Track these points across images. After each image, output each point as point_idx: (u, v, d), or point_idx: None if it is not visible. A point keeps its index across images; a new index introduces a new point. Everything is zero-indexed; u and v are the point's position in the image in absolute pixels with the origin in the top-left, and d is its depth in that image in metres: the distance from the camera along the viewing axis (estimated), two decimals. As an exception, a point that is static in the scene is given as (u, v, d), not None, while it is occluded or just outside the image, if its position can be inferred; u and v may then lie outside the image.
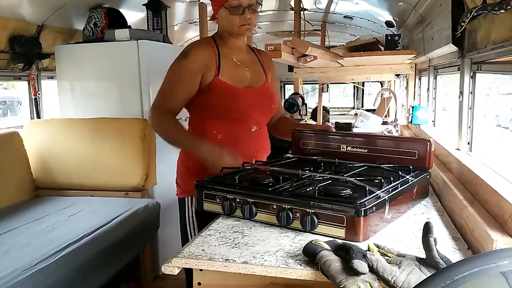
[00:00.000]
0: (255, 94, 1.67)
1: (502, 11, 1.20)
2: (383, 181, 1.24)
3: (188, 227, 1.68)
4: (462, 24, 1.55)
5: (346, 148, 1.61)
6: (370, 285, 0.81)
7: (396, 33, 3.26)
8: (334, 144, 1.63)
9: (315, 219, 1.11)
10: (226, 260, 0.98)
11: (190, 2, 3.52)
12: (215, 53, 1.62)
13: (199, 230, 1.48)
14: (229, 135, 1.63)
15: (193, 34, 4.41)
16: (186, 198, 1.68)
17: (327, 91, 4.82)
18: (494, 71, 1.58)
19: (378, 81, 5.42)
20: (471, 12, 1.44)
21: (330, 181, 1.29)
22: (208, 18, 1.89)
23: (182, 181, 1.70)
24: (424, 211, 1.35)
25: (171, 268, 1.00)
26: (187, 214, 1.68)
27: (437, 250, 0.84)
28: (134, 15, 3.33)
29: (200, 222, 1.62)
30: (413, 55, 2.66)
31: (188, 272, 1.09)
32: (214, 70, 1.59)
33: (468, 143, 1.75)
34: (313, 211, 1.11)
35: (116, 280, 2.47)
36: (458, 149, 1.77)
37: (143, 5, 3.16)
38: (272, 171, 1.43)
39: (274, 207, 1.18)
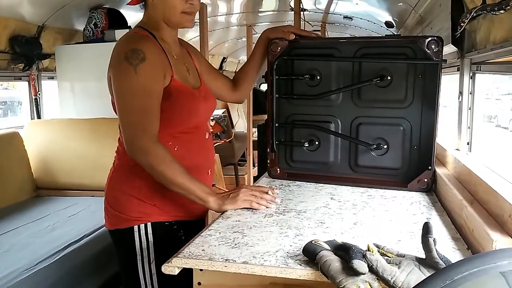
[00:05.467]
0: (201, 96, 1.40)
1: (501, 11, 1.19)
2: None
3: (140, 264, 1.33)
4: (462, 24, 1.55)
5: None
6: (370, 285, 0.81)
7: (395, 33, 3.26)
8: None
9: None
10: (226, 260, 0.98)
11: (190, 2, 3.51)
12: (160, 47, 1.31)
13: (158, 267, 1.22)
14: (186, 146, 1.36)
15: (193, 35, 4.40)
16: (137, 227, 1.33)
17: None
18: (494, 71, 1.58)
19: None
20: (470, 12, 1.44)
21: None
22: (128, 1, 1.51)
23: (130, 208, 1.34)
24: (423, 211, 1.35)
25: (171, 268, 1.00)
26: (138, 247, 1.32)
27: (436, 250, 0.84)
28: (134, 16, 3.33)
29: (159, 256, 1.31)
30: (413, 55, 2.65)
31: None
32: (169, 69, 1.30)
33: (468, 144, 1.75)
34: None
35: (116, 280, 2.47)
36: (457, 149, 1.77)
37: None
38: None
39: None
